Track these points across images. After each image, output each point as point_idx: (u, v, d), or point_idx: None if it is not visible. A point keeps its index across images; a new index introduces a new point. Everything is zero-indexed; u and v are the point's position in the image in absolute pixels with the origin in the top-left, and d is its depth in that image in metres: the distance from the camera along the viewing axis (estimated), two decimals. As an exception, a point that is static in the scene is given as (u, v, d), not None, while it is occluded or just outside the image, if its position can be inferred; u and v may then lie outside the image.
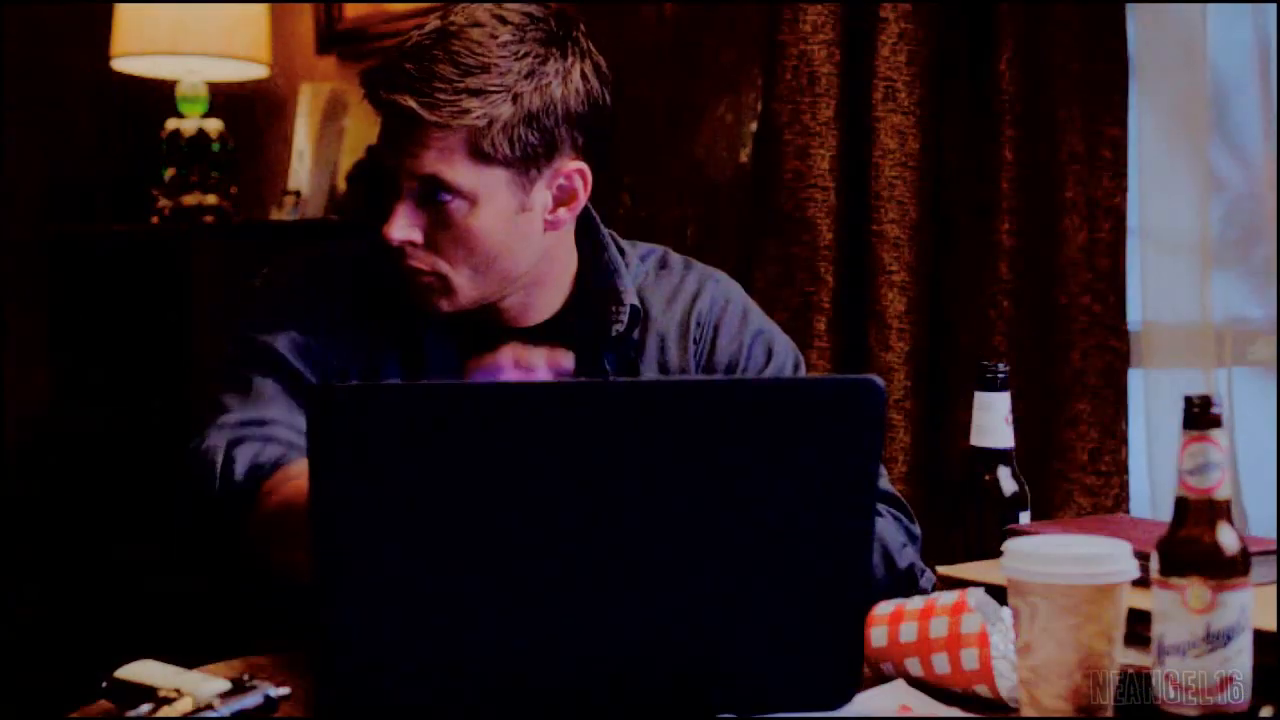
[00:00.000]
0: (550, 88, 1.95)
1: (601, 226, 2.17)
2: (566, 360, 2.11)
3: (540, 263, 2.05)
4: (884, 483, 2.08)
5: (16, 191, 4.72)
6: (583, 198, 2.04)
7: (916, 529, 2.07)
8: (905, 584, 1.96)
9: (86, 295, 4.14)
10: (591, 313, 2.11)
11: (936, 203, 2.98)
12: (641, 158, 3.56)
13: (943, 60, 2.96)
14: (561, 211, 2.03)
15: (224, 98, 4.39)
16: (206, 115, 4.24)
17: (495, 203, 1.95)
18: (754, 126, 3.33)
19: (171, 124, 4.22)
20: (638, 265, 2.18)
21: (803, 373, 2.16)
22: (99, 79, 4.47)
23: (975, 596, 1.57)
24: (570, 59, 1.98)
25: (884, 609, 1.65)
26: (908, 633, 1.60)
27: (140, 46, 4.17)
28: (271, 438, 1.96)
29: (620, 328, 2.09)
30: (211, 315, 3.70)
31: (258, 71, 4.29)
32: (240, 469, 1.91)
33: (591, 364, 2.10)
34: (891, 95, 2.94)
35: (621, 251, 2.18)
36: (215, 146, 4.20)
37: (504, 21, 1.95)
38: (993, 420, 1.93)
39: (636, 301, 2.11)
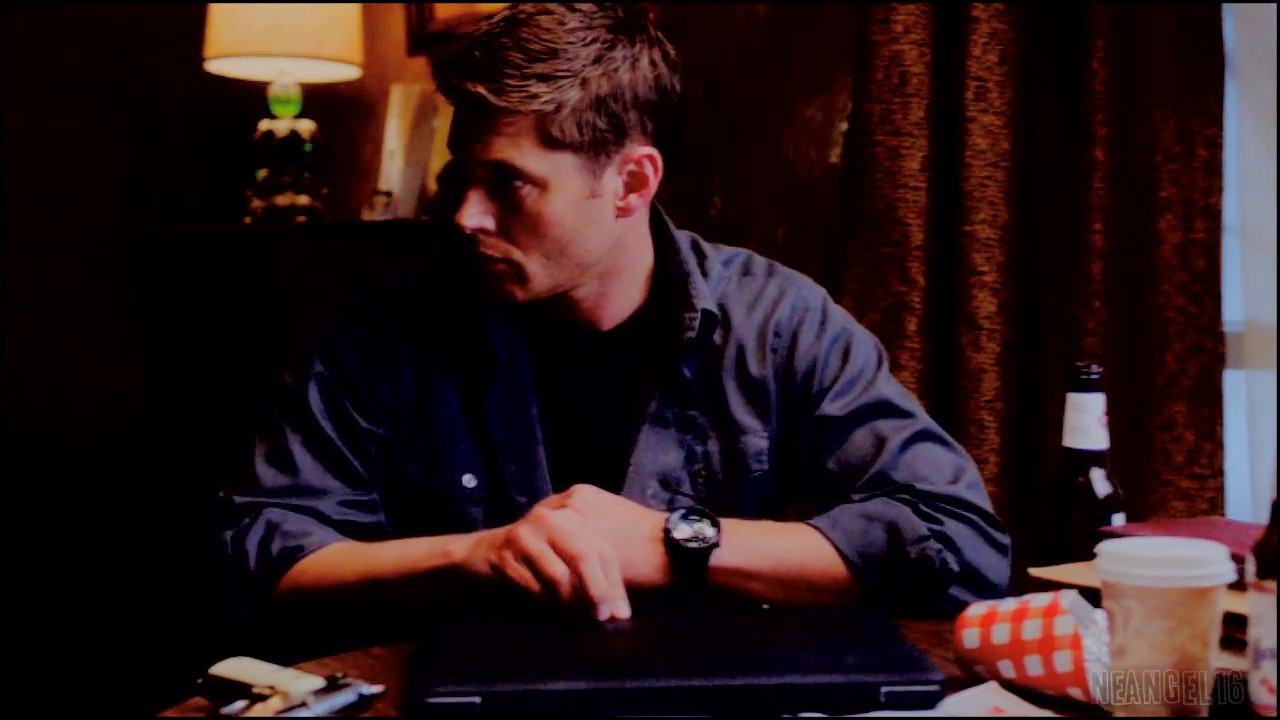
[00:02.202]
0: (618, 73, 1.95)
1: (675, 230, 2.16)
2: (640, 368, 2.11)
3: (613, 252, 2.05)
4: (963, 488, 2.03)
5: (112, 191, 4.77)
6: (653, 184, 2.04)
7: (1003, 537, 2.01)
8: (915, 573, 1.94)
9: (180, 294, 4.17)
10: (664, 318, 2.10)
11: (1028, 203, 2.96)
12: (732, 158, 3.56)
13: (1034, 59, 2.95)
14: (632, 198, 2.02)
15: (316, 99, 4.41)
16: (299, 116, 4.27)
17: (566, 188, 1.96)
18: (845, 127, 3.32)
19: (264, 125, 4.25)
20: (720, 270, 2.17)
21: (885, 370, 2.13)
22: (193, 80, 4.51)
23: (1069, 599, 1.56)
24: (638, 46, 1.98)
25: (976, 611, 1.64)
26: (1000, 634, 1.59)
27: (234, 48, 4.20)
28: (300, 510, 2.04)
29: (692, 334, 2.08)
30: (302, 315, 3.72)
31: (350, 73, 4.31)
32: (261, 564, 1.99)
33: (667, 372, 2.10)
34: (983, 95, 2.92)
35: (704, 256, 2.17)
36: (307, 147, 4.23)
37: (572, 9, 1.96)
38: (1087, 422, 1.91)
39: (711, 306, 2.10)
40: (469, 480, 2.07)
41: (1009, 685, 1.58)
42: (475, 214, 1.96)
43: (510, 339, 2.09)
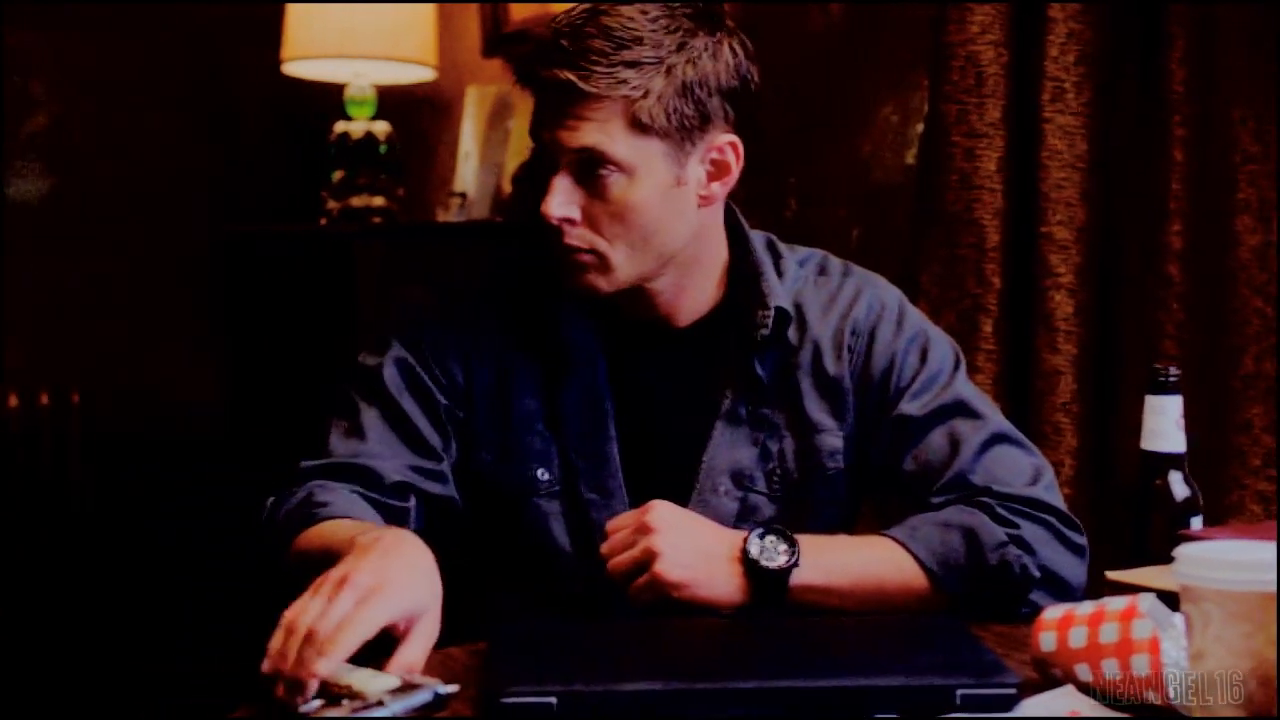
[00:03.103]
0: (701, 60, 1.97)
1: (749, 229, 2.16)
2: (714, 366, 2.11)
3: (694, 242, 2.06)
4: (1041, 490, 2.02)
5: (192, 192, 4.81)
6: (735, 171, 2.04)
7: (1079, 539, 2.00)
8: (995, 580, 1.93)
9: (259, 294, 4.20)
10: (739, 316, 2.10)
11: (1105, 204, 2.94)
12: (807, 160, 3.55)
13: (1111, 60, 2.93)
14: (715, 186, 2.03)
15: (392, 100, 4.44)
16: (374, 118, 4.30)
17: (652, 175, 1.97)
18: (920, 128, 3.31)
19: (340, 126, 4.28)
20: (795, 270, 2.16)
21: (962, 371, 2.12)
22: (271, 83, 4.54)
23: (1146, 602, 1.55)
24: (718, 34, 2.00)
25: (1053, 614, 1.63)
26: (1077, 638, 1.58)
27: (310, 51, 4.23)
28: (353, 473, 2.02)
29: (765, 331, 2.08)
30: (379, 310, 3.74)
31: (425, 74, 4.34)
32: (275, 527, 1.99)
33: (741, 370, 2.10)
34: (1060, 96, 2.91)
35: (779, 255, 2.17)
36: (383, 149, 4.25)
37: (653, 1, 1.98)
38: (1164, 424, 1.90)
39: (786, 304, 2.10)
40: (542, 474, 2.08)
41: (1085, 689, 1.57)
42: (561, 203, 1.96)
43: (586, 337, 2.09)
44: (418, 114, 4.65)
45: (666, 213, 1.99)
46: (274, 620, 1.61)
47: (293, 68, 4.34)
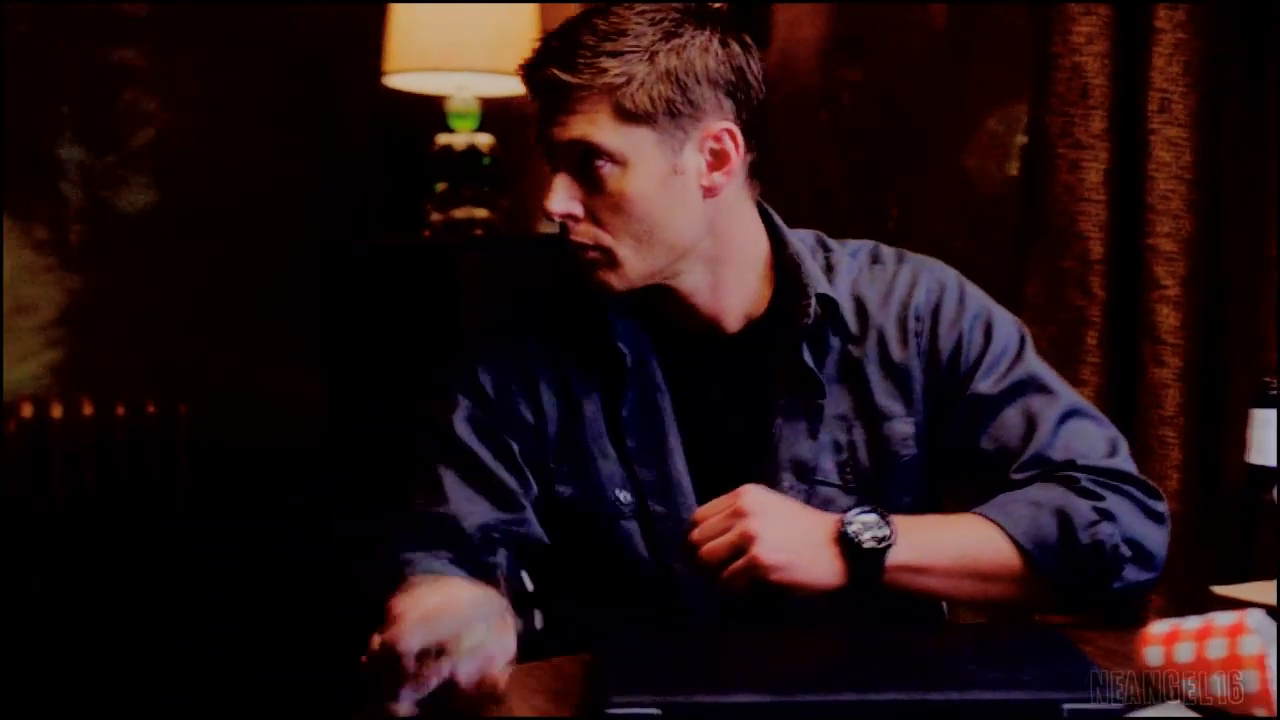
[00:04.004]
0: (687, 50, 1.99)
1: (785, 227, 2.16)
2: (767, 364, 2.11)
3: (712, 239, 2.06)
4: (1120, 461, 2.02)
5: (295, 204, 4.86)
6: (736, 161, 2.04)
7: (1161, 507, 2.00)
8: (1088, 558, 1.93)
9: (361, 304, 4.23)
10: (788, 312, 2.10)
11: (1212, 216, 2.92)
12: (910, 171, 3.55)
13: (1217, 68, 2.91)
14: (717, 176, 2.03)
15: (494, 112, 4.46)
16: (477, 130, 4.32)
17: (645, 164, 1.98)
18: (1024, 139, 3.30)
19: (442, 139, 4.30)
20: (849, 262, 2.16)
21: (1029, 347, 2.12)
22: (374, 95, 4.58)
23: (1254, 618, 1.54)
24: (708, 30, 2.02)
25: (1159, 628, 1.62)
26: (1184, 653, 1.57)
27: (413, 63, 4.26)
28: (438, 534, 2.03)
29: (809, 321, 2.07)
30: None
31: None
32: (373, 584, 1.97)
33: (790, 363, 2.09)
34: (1166, 107, 2.89)
35: (829, 250, 2.17)
36: (485, 160, 4.27)
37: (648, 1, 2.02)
38: (1271, 437, 1.89)
39: (835, 293, 2.10)
40: (624, 496, 2.09)
41: (1192, 704, 1.56)
42: (561, 199, 2.00)
43: (639, 346, 2.10)
44: (520, 126, 4.66)
45: (666, 202, 2.01)
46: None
47: (395, 80, 4.37)
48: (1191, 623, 1.60)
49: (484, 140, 4.30)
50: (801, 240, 2.16)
